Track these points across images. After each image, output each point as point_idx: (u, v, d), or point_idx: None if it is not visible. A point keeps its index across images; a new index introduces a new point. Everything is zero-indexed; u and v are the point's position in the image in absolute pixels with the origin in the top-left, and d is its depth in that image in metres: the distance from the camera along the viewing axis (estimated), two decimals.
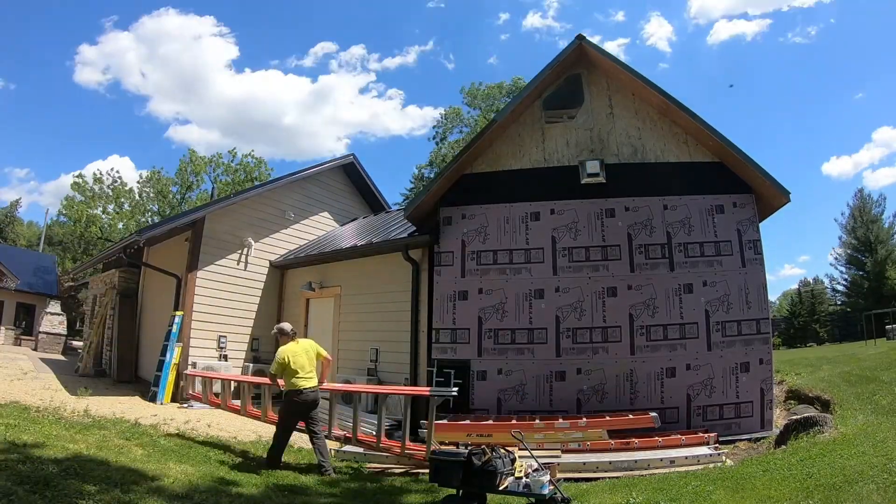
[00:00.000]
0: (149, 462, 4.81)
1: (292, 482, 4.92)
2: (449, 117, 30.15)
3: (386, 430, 7.78)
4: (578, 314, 7.22)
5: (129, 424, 6.47)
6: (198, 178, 29.86)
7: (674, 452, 5.60)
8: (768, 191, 7.24)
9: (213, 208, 10.57)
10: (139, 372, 11.16)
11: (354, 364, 9.18)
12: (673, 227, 7.33)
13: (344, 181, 13.14)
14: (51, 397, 7.62)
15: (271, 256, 11.09)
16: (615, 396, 6.88)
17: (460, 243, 7.81)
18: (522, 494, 4.01)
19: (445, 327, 7.55)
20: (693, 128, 7.46)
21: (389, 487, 5.10)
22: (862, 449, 4.51)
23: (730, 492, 4.19)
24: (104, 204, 27.95)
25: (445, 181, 8.02)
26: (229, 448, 6.12)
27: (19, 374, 10.13)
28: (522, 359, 7.23)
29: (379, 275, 9.16)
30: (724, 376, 6.82)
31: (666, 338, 6.98)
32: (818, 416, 5.69)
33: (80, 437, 5.30)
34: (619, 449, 5.77)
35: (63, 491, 3.55)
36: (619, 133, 7.81)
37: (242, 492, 4.35)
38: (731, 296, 7.03)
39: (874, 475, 3.82)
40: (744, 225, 7.25)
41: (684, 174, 7.51)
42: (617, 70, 7.73)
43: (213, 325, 9.88)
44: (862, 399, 6.58)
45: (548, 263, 7.47)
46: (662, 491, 4.41)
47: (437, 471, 4.19)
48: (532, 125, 8.08)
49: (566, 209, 7.60)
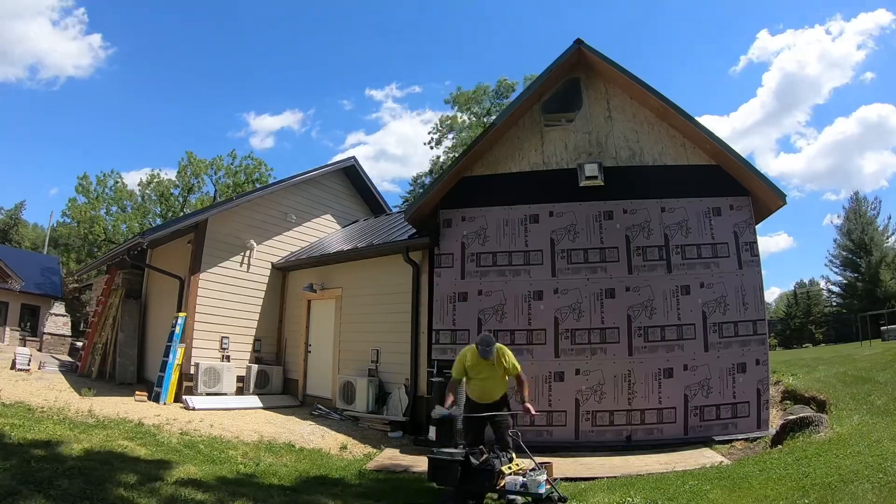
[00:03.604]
0: (151, 462, 4.88)
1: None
2: (444, 123, 30.39)
3: (385, 431, 7.90)
4: (577, 315, 7.27)
5: (132, 424, 6.53)
6: (199, 181, 29.99)
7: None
8: (765, 193, 7.29)
9: (215, 211, 10.65)
10: (144, 373, 11.24)
11: (356, 365, 9.25)
12: (670, 230, 7.39)
13: (345, 184, 13.21)
14: (55, 397, 7.69)
15: (273, 258, 11.16)
16: (613, 397, 6.93)
17: (460, 245, 7.87)
18: (520, 493, 4.06)
19: (445, 328, 7.61)
20: (690, 131, 7.51)
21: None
22: (857, 449, 4.56)
23: (726, 491, 4.24)
24: (107, 205, 28.12)
25: (445, 184, 8.09)
26: (231, 447, 6.18)
27: (24, 375, 10.23)
28: (521, 360, 7.18)
29: (380, 276, 9.23)
30: (720, 377, 6.87)
31: (663, 339, 7.02)
32: (814, 417, 5.74)
33: (83, 437, 5.36)
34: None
35: (66, 490, 3.61)
36: (617, 136, 7.87)
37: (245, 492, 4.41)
38: (728, 297, 7.07)
39: (869, 475, 3.87)
40: (740, 227, 7.30)
41: (682, 177, 7.56)
42: (615, 74, 7.78)
43: (215, 327, 9.96)
44: (857, 399, 6.61)
45: (546, 265, 7.53)
46: (660, 490, 4.45)
47: (435, 470, 4.24)
48: (531, 129, 8.14)
49: (565, 212, 7.66)
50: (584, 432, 6.90)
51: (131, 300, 11.93)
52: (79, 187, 27.51)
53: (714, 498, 4.12)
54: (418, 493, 4.84)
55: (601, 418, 6.92)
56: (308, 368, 10.35)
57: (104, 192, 28.03)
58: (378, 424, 8.08)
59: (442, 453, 4.26)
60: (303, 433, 7.35)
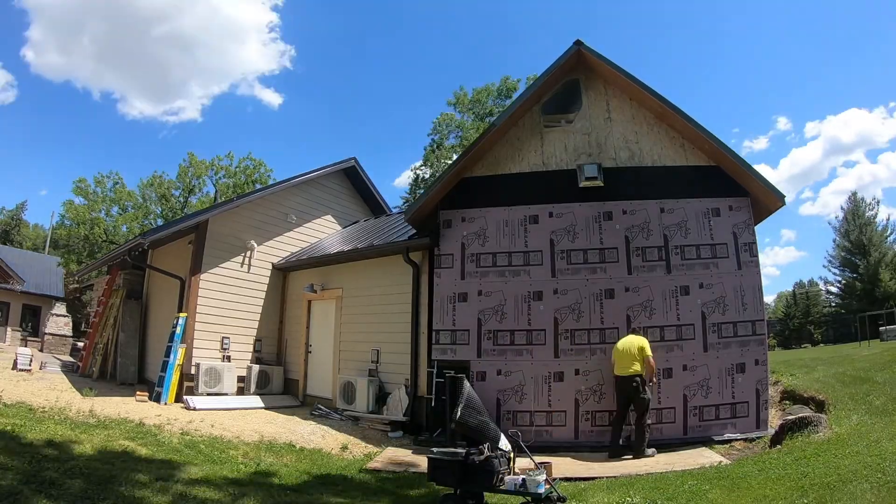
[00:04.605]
0: (152, 462, 4.90)
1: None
2: (443, 123, 30.33)
3: (385, 431, 7.91)
4: (577, 316, 7.28)
5: (133, 425, 6.55)
6: (199, 181, 29.99)
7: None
8: (764, 194, 7.30)
9: (216, 211, 10.67)
10: (145, 373, 11.27)
11: (356, 365, 9.27)
12: (670, 230, 7.40)
13: (345, 184, 13.23)
14: (56, 398, 7.70)
15: (274, 259, 11.19)
16: (613, 397, 6.93)
17: (460, 246, 7.89)
18: (519, 493, 4.07)
19: (445, 328, 7.63)
20: (690, 132, 7.53)
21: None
22: (856, 449, 4.56)
23: (726, 491, 4.25)
24: (107, 206, 28.11)
25: (445, 185, 8.11)
26: (232, 447, 6.20)
27: (25, 375, 10.26)
28: (521, 360, 7.30)
29: (380, 277, 9.25)
30: (720, 377, 6.88)
31: (663, 339, 7.03)
32: (813, 417, 5.75)
33: (85, 438, 5.38)
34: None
35: (68, 490, 3.63)
36: (616, 137, 7.88)
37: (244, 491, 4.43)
38: (727, 297, 7.09)
39: (868, 474, 3.87)
40: (739, 228, 7.31)
41: (681, 178, 7.58)
42: (615, 75, 7.80)
43: (216, 327, 9.98)
44: (856, 399, 6.61)
45: (546, 266, 7.54)
46: (659, 490, 4.47)
47: (434, 470, 4.25)
48: (531, 129, 8.16)
49: (565, 212, 7.68)
50: (584, 432, 6.92)
51: (132, 300, 11.95)
52: (76, 189, 27.51)
53: (713, 498, 4.14)
54: (418, 493, 4.87)
55: (601, 418, 6.93)
56: (308, 368, 10.37)
57: (104, 193, 28.03)
58: (378, 424, 8.10)
59: (442, 453, 4.27)
60: (303, 433, 7.37)
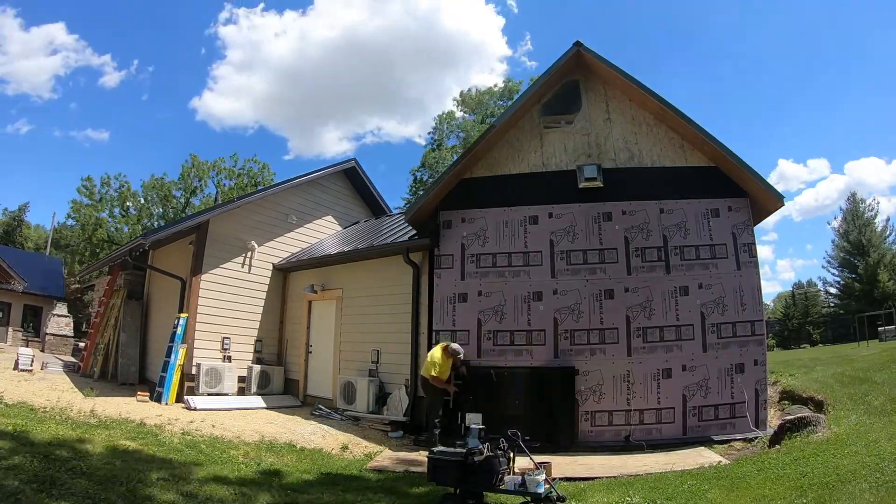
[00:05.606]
0: (153, 461, 4.92)
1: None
2: (444, 121, 30.30)
3: (386, 431, 7.93)
4: (576, 316, 7.30)
5: (134, 425, 6.57)
6: (202, 183, 30.04)
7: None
8: (763, 195, 7.32)
9: (216, 212, 10.68)
10: (146, 373, 11.28)
11: (356, 365, 9.29)
12: (669, 231, 7.42)
13: (346, 185, 13.25)
14: (58, 398, 7.72)
15: (274, 259, 11.21)
16: (612, 397, 6.96)
17: (460, 246, 7.91)
18: (519, 493, 4.08)
19: (445, 329, 7.64)
20: (689, 133, 7.55)
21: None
22: (855, 449, 4.58)
23: (725, 490, 4.27)
24: (110, 207, 28.19)
25: (445, 185, 8.13)
26: (233, 447, 6.21)
27: (26, 375, 10.28)
28: (521, 360, 7.32)
29: (380, 277, 9.27)
30: (719, 377, 6.89)
31: (662, 339, 7.05)
32: (812, 417, 5.76)
33: (86, 438, 5.39)
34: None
35: (70, 490, 3.65)
36: (616, 138, 7.90)
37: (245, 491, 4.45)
38: (727, 298, 7.11)
39: (867, 474, 3.89)
40: (738, 228, 7.33)
41: (680, 178, 7.60)
42: (614, 76, 7.82)
43: (217, 327, 10.00)
44: (855, 399, 6.63)
45: (546, 266, 7.56)
46: (658, 490, 4.48)
47: (434, 470, 4.27)
48: (531, 130, 8.18)
49: (564, 213, 7.69)
50: (584, 432, 6.93)
51: (133, 301, 11.97)
52: (82, 189, 27.59)
53: (712, 497, 4.15)
54: (419, 493, 4.88)
55: (600, 418, 6.95)
56: (309, 369, 10.39)
57: (108, 194, 28.10)
58: (378, 424, 8.12)
59: (442, 453, 4.29)
60: (304, 433, 7.39)
